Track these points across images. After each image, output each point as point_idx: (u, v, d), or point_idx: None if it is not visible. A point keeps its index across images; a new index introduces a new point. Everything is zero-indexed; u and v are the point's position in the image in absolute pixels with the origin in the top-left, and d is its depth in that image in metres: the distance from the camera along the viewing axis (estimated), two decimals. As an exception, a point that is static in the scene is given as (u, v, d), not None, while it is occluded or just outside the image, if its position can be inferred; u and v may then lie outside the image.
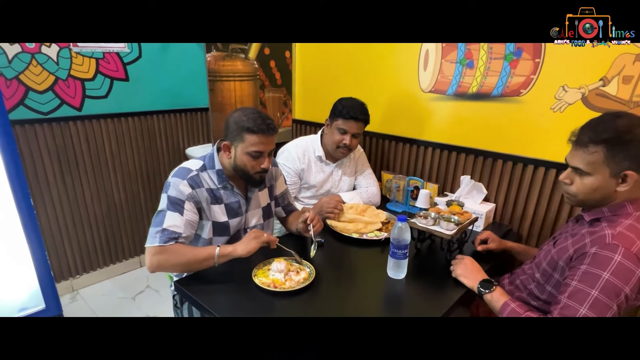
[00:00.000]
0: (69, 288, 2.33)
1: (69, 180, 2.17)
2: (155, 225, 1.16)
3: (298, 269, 1.22)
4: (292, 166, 1.71)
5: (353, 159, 1.85)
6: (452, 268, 1.26)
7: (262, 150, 1.20)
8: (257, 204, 1.39)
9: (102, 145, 2.25)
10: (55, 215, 2.16)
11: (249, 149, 1.20)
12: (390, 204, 1.88)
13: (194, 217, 1.22)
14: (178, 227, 1.16)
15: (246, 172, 1.24)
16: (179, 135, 2.58)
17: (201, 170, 1.25)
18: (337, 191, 1.81)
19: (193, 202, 1.21)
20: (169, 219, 1.16)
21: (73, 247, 2.28)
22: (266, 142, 1.21)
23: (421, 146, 1.94)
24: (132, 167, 2.41)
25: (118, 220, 2.43)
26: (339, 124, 1.64)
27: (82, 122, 2.13)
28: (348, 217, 1.55)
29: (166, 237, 1.14)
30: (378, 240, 1.45)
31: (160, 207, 1.20)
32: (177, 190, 1.19)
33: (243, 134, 1.19)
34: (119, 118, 2.26)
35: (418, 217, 1.36)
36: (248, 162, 1.23)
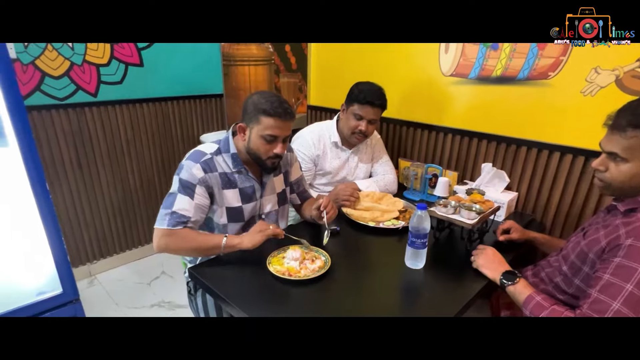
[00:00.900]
0: (87, 273, 2.37)
1: (85, 166, 2.18)
2: (165, 207, 1.17)
3: (313, 257, 1.20)
4: (307, 152, 1.68)
5: (370, 145, 1.82)
6: (472, 258, 1.22)
7: (276, 134, 1.18)
8: (272, 190, 1.37)
9: (118, 131, 2.25)
10: (73, 201, 2.19)
11: (264, 132, 1.18)
12: (407, 192, 1.85)
13: (205, 201, 1.22)
14: (187, 210, 1.16)
15: (259, 156, 1.23)
16: (193, 121, 2.57)
17: (216, 153, 1.24)
18: (353, 178, 1.78)
19: (204, 187, 1.20)
20: (179, 201, 1.16)
21: (90, 233, 2.31)
22: (282, 127, 1.18)
23: (440, 132, 1.90)
24: (147, 153, 2.41)
25: (134, 206, 2.45)
26: (355, 110, 1.60)
27: (97, 108, 2.13)
28: (364, 205, 1.52)
29: (175, 221, 1.15)
30: (395, 229, 1.43)
31: (172, 189, 1.20)
32: (189, 174, 1.19)
33: (259, 115, 1.17)
34: (133, 104, 2.26)
35: (438, 206, 1.33)
36: (261, 145, 1.21)
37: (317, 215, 1.32)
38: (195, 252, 1.17)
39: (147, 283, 2.32)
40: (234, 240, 1.16)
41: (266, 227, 1.16)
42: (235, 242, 1.16)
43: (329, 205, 1.30)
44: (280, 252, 1.22)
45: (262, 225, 1.17)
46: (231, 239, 1.17)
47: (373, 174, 1.83)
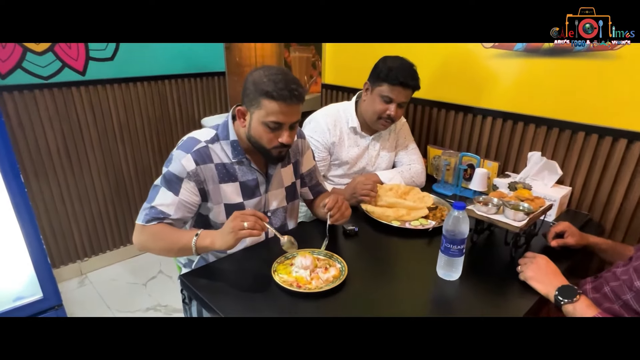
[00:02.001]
0: (77, 271, 2.37)
1: (74, 153, 2.15)
2: (147, 201, 1.15)
3: (327, 265, 1.12)
4: (321, 139, 1.62)
5: (394, 130, 1.75)
6: (520, 269, 1.12)
7: (281, 121, 1.10)
8: (280, 183, 1.31)
9: (109, 114, 2.21)
10: (60, 193, 2.17)
11: (266, 119, 1.10)
12: (437, 186, 1.79)
13: (193, 198, 1.16)
14: (168, 207, 1.12)
15: (261, 145, 1.16)
16: (193, 102, 2.53)
17: (212, 141, 1.18)
18: (374, 169, 1.72)
19: (194, 182, 1.14)
20: (161, 196, 1.13)
21: (80, 228, 2.29)
22: (288, 113, 1.10)
23: (478, 115, 1.81)
24: (142, 138, 2.38)
25: (128, 198, 2.43)
26: (383, 91, 1.52)
27: (86, 88, 2.09)
28: (387, 201, 1.46)
29: (151, 216, 1.12)
30: (424, 230, 1.36)
31: (157, 181, 1.16)
32: (178, 166, 1.13)
33: (261, 98, 1.09)
34: (126, 83, 2.22)
35: (476, 204, 1.23)
36: (264, 134, 1.13)
37: (324, 214, 1.25)
38: (168, 251, 1.12)
39: (142, 284, 2.31)
40: (206, 240, 1.07)
41: (239, 225, 0.99)
42: (206, 243, 1.07)
43: (337, 205, 1.22)
44: (289, 257, 1.15)
45: (235, 222, 1.00)
46: (202, 239, 1.07)
47: (397, 164, 1.78)
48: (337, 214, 1.22)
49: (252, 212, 1.03)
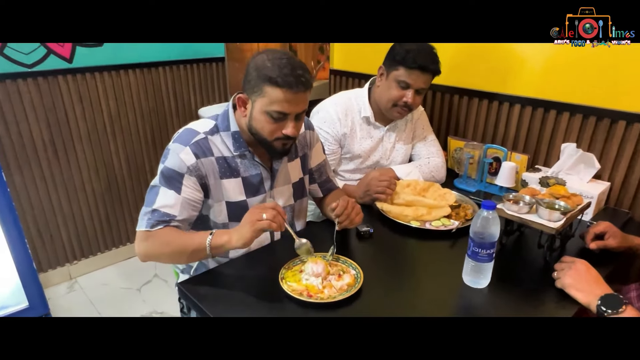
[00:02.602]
0: (66, 275, 2.37)
1: (61, 147, 2.14)
2: (147, 204, 1.12)
3: (340, 271, 1.10)
4: (331, 130, 1.60)
5: (411, 120, 1.74)
6: (556, 275, 1.09)
7: (286, 111, 1.08)
8: (286, 179, 1.30)
9: (99, 105, 2.20)
10: (47, 191, 2.16)
11: (269, 108, 1.07)
12: (459, 181, 1.77)
13: (196, 195, 1.14)
14: (172, 207, 1.10)
15: (263, 137, 1.14)
16: (190, 91, 2.52)
17: (212, 132, 1.17)
18: (389, 163, 1.71)
19: (195, 176, 1.13)
20: (162, 197, 1.10)
21: (69, 229, 2.29)
22: (293, 101, 1.07)
23: (504, 102, 1.79)
24: (135, 131, 2.37)
25: (120, 195, 2.42)
26: (400, 75, 1.50)
27: (73, 77, 2.08)
28: (405, 199, 1.44)
29: (155, 220, 1.09)
30: (447, 232, 1.34)
31: (154, 181, 1.14)
32: (176, 160, 1.11)
33: (263, 85, 1.06)
34: (117, 71, 2.21)
35: (506, 202, 1.20)
36: (266, 124, 1.11)
37: (334, 218, 1.23)
38: (179, 257, 1.10)
39: (136, 289, 2.30)
40: (222, 237, 1.04)
41: (258, 215, 0.99)
42: (223, 241, 1.05)
43: (346, 211, 1.19)
44: (298, 263, 1.13)
45: (254, 213, 1.00)
46: (218, 237, 1.05)
47: (415, 157, 1.77)
48: (345, 221, 1.20)
49: (272, 205, 1.02)
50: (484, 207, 1.02)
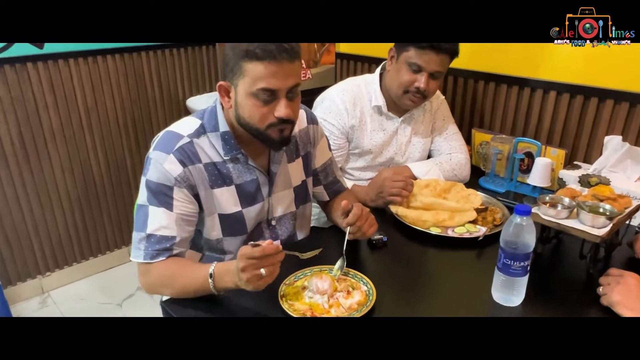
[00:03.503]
0: (38, 289, 2.37)
1: (31, 144, 2.14)
2: (138, 229, 1.10)
3: (349, 287, 1.08)
4: (337, 122, 1.61)
5: (429, 110, 1.74)
6: (602, 290, 1.07)
7: (272, 87, 1.04)
8: (287, 183, 1.29)
9: (73, 96, 2.20)
10: (15, 194, 2.16)
11: (253, 88, 1.04)
12: (486, 180, 1.78)
13: (190, 209, 1.13)
14: (168, 228, 1.09)
15: (254, 127, 1.11)
16: (177, 79, 2.52)
17: (197, 134, 1.14)
18: (405, 160, 1.72)
19: (186, 187, 1.11)
20: (153, 218, 1.09)
21: (41, 237, 2.29)
22: (280, 74, 1.03)
23: (537, 89, 1.80)
24: (115, 125, 2.37)
25: (98, 198, 2.43)
26: (411, 57, 1.51)
27: (44, 64, 2.08)
28: (423, 202, 1.45)
29: (153, 250, 1.08)
30: (472, 239, 1.34)
31: (140, 199, 1.12)
32: (160, 172, 1.09)
33: (242, 62, 1.03)
34: (94, 57, 2.21)
35: (542, 205, 1.19)
36: (254, 109, 1.07)
37: (342, 223, 1.22)
38: (184, 295, 1.09)
39: (117, 303, 2.31)
40: (226, 283, 1.00)
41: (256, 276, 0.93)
42: (229, 286, 1.01)
43: (359, 221, 1.18)
44: (300, 278, 1.11)
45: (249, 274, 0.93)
46: (221, 281, 1.01)
47: (434, 152, 1.78)
48: (357, 233, 1.19)
49: (260, 252, 0.93)
50: (518, 212, 1.01)
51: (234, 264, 0.97)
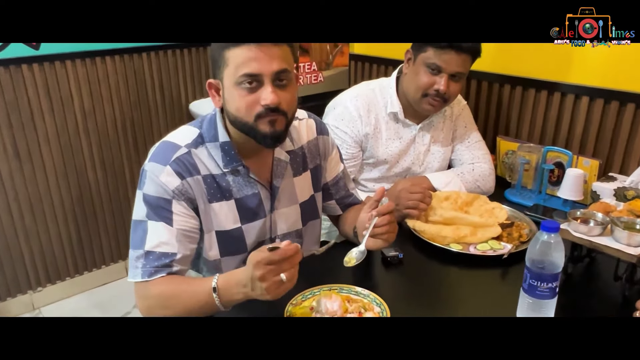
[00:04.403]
0: (29, 305, 2.38)
1: (24, 150, 2.17)
2: (135, 246, 1.11)
3: (362, 309, 1.08)
4: (350, 129, 1.62)
5: (450, 117, 1.74)
6: (639, 315, 1.05)
7: (254, 71, 1.04)
8: (292, 198, 1.29)
9: (70, 100, 2.22)
10: (7, 204, 2.18)
11: (237, 74, 1.05)
12: (512, 193, 1.77)
13: (191, 223, 1.13)
14: (168, 244, 1.10)
15: (244, 122, 1.10)
16: (179, 82, 2.54)
17: (195, 145, 1.16)
18: (423, 170, 1.73)
19: (185, 200, 1.12)
20: (152, 234, 1.09)
21: (33, 249, 2.31)
22: (262, 58, 1.04)
23: (568, 94, 1.79)
24: (113, 130, 2.39)
25: (94, 208, 2.44)
26: (429, 57, 1.52)
27: (40, 66, 2.12)
28: (443, 216, 1.45)
29: (152, 267, 1.08)
30: (496, 257, 1.34)
31: (137, 215, 1.13)
32: (157, 186, 1.10)
33: (224, 52, 1.06)
34: (92, 58, 2.24)
35: (572, 221, 1.18)
36: (240, 100, 1.07)
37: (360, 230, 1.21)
38: (188, 315, 1.08)
39: None
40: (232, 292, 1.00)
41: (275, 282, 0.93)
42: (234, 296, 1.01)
43: (392, 215, 1.17)
44: (307, 297, 1.12)
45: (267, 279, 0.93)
46: (226, 291, 1.01)
47: (455, 162, 1.78)
48: (382, 231, 1.15)
49: (281, 255, 0.92)
50: (545, 228, 1.00)
51: (242, 274, 0.97)
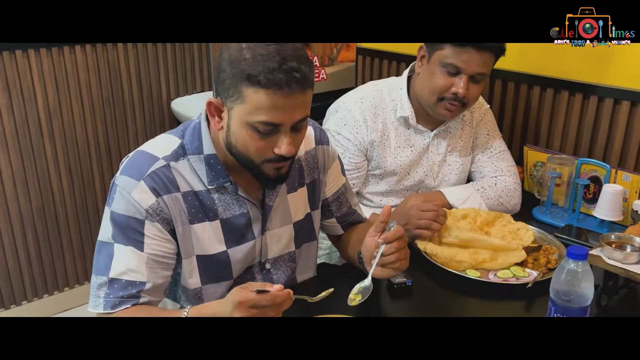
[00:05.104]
0: None
1: None
2: (98, 272, 1.12)
3: None
4: (354, 137, 1.63)
5: (469, 122, 1.75)
6: None
7: (276, 121, 1.06)
8: (285, 218, 1.30)
9: (32, 96, 2.24)
10: None
11: (252, 118, 1.06)
12: (540, 211, 1.78)
13: (165, 248, 1.14)
14: (136, 272, 1.10)
15: (248, 159, 1.12)
16: (160, 76, 2.55)
17: (175, 157, 1.16)
18: (438, 184, 1.74)
19: (159, 221, 1.13)
20: (118, 259, 1.10)
21: None
22: (286, 107, 1.05)
23: (606, 98, 1.80)
24: (82, 132, 2.40)
25: (58, 223, 2.44)
26: (446, 56, 1.53)
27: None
28: (459, 237, 1.45)
29: (116, 297, 1.09)
30: (520, 286, 1.34)
31: (103, 235, 1.14)
32: (128, 203, 1.11)
33: (241, 86, 1.05)
34: (59, 47, 2.25)
35: (606, 246, 1.20)
36: (251, 141, 1.09)
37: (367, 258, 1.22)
38: None
39: None
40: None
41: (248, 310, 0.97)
42: None
43: (401, 241, 1.17)
44: None
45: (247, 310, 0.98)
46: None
47: (475, 175, 1.80)
48: (391, 259, 1.16)
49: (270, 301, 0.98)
50: (571, 255, 1.02)
51: (218, 307, 1.01)
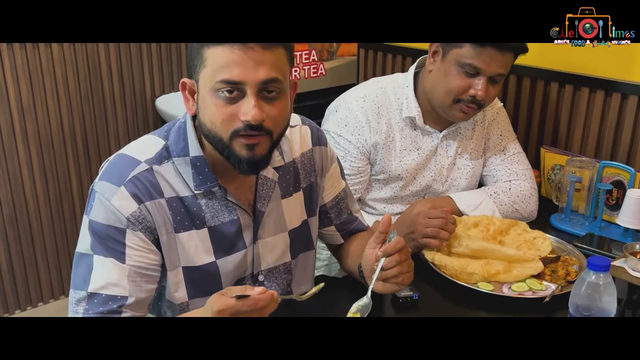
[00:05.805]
0: None
1: None
2: (77, 286, 1.12)
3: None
4: (355, 138, 1.64)
5: (481, 122, 1.77)
6: None
7: (238, 78, 1.05)
8: (279, 225, 1.31)
9: (4, 93, 2.25)
10: None
11: (214, 80, 1.06)
12: (559, 219, 1.79)
13: (149, 259, 1.14)
14: (117, 286, 1.10)
15: (218, 138, 1.11)
16: (143, 72, 2.56)
17: (159, 160, 1.17)
18: (447, 190, 1.75)
19: (142, 230, 1.13)
20: (98, 272, 1.10)
21: None
22: (248, 62, 1.05)
23: (630, 96, 1.81)
24: (58, 131, 2.40)
25: (32, 231, 2.44)
26: (464, 56, 1.54)
27: None
28: (470, 247, 1.46)
29: (95, 313, 1.09)
30: (537, 300, 1.34)
31: (81, 246, 1.14)
32: (108, 210, 1.11)
33: (203, 49, 1.07)
34: (34, 45, 2.27)
35: (630, 257, 1.21)
36: (216, 110, 1.08)
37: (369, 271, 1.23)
38: None
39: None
40: None
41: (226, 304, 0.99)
42: None
43: (402, 254, 1.18)
44: None
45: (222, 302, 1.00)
46: None
47: (487, 179, 1.81)
48: (393, 273, 1.17)
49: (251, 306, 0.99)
50: (592, 266, 1.02)
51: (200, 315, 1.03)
